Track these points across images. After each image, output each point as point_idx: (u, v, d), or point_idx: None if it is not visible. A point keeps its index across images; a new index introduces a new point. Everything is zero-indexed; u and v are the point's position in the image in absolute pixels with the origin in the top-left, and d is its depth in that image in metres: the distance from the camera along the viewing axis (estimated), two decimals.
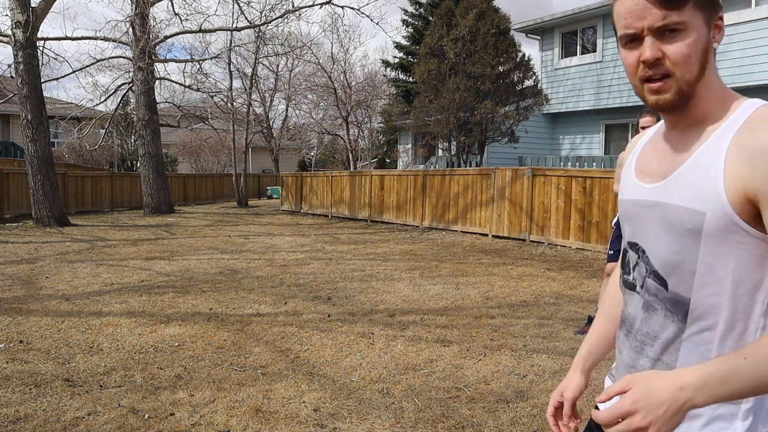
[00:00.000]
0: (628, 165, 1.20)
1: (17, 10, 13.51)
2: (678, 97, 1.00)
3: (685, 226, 1.00)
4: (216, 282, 7.17)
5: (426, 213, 13.44)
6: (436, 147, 19.08)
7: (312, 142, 37.22)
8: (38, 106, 13.77)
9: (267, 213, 20.16)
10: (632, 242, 1.15)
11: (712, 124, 1.02)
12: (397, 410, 3.36)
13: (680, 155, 1.05)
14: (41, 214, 13.86)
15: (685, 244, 1.01)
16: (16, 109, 17.80)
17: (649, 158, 1.14)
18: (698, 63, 0.99)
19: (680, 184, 1.02)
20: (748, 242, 0.96)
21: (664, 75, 0.99)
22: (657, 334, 1.07)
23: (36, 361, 4.14)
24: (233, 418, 3.24)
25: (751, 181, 0.92)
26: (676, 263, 1.03)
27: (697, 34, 0.98)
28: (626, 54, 1.04)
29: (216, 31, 18.06)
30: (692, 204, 0.99)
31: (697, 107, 1.03)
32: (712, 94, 1.03)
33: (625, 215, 1.17)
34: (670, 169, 1.06)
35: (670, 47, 0.97)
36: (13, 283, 6.93)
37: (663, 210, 1.05)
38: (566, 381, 1.35)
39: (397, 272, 7.90)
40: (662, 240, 1.05)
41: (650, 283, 1.08)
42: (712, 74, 1.03)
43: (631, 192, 1.15)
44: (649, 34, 0.98)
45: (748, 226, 0.95)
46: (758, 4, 11.90)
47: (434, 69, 14.68)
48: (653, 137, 1.18)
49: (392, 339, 4.76)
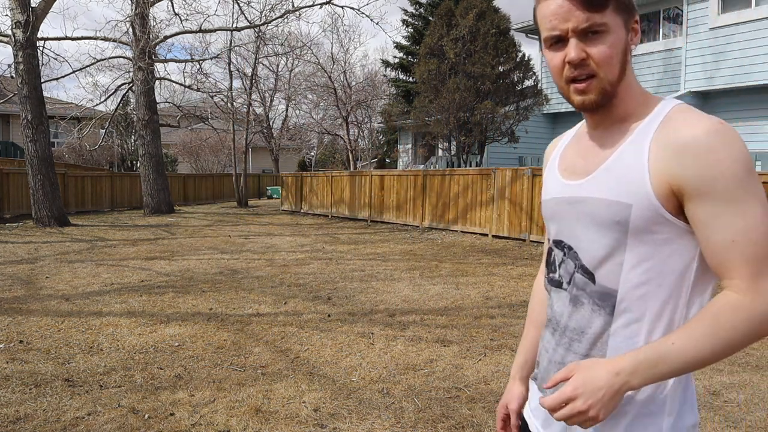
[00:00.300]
0: (551, 166, 1.22)
1: (17, 10, 13.51)
2: (602, 97, 1.04)
3: (613, 218, 1.02)
4: (216, 282, 7.17)
5: (426, 213, 13.44)
6: (436, 147, 19.09)
7: (312, 142, 37.22)
8: (38, 106, 13.77)
9: (267, 213, 20.16)
10: (557, 240, 1.16)
11: (634, 122, 1.06)
12: (397, 410, 3.36)
13: (604, 152, 1.08)
14: (41, 214, 13.85)
15: (613, 236, 1.03)
16: (16, 109, 17.81)
17: (573, 157, 1.16)
18: (619, 64, 1.03)
19: (605, 178, 1.05)
20: (673, 234, 1.00)
21: (589, 75, 1.02)
22: (584, 329, 1.09)
23: (36, 361, 4.14)
24: (233, 418, 3.24)
25: (676, 173, 0.96)
26: (604, 256, 1.05)
27: (617, 36, 1.02)
28: (551, 55, 1.06)
29: (216, 31, 18.06)
30: (618, 197, 1.01)
31: (620, 107, 1.07)
32: (633, 95, 1.07)
33: (550, 214, 1.18)
34: (595, 165, 1.08)
35: (594, 48, 1.01)
36: (13, 283, 6.93)
37: (589, 204, 1.07)
38: (508, 393, 1.37)
39: (397, 272, 7.89)
40: (589, 234, 1.07)
41: (578, 277, 1.09)
42: (631, 75, 1.07)
43: (555, 190, 1.16)
44: (574, 35, 1.01)
45: (672, 217, 0.99)
46: (758, 4, 11.90)
47: (434, 69, 14.68)
48: (575, 137, 1.21)
49: (392, 339, 4.76)
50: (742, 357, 4.34)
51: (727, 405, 3.47)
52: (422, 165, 19.88)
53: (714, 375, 3.96)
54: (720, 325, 0.91)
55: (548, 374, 1.17)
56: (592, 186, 1.07)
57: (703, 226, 0.96)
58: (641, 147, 1.01)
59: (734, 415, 3.33)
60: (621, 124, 1.07)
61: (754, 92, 12.36)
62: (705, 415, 3.33)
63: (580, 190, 1.09)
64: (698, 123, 0.96)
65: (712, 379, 3.89)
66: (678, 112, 1.02)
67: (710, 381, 3.84)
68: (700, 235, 0.97)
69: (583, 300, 1.09)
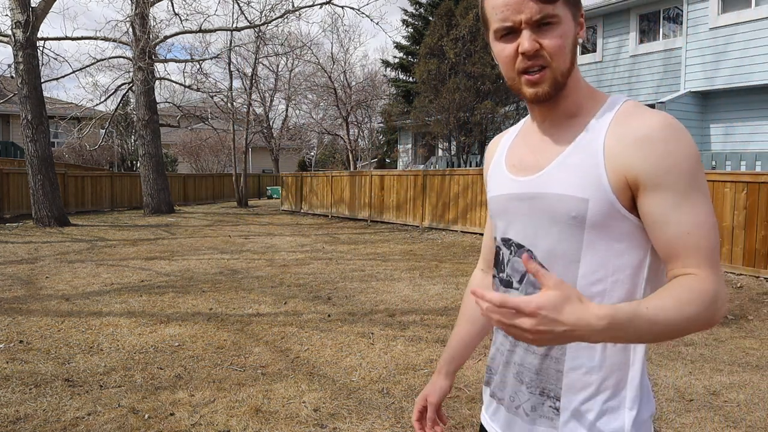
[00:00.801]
0: (497, 163, 1.20)
1: (17, 10, 13.51)
2: (554, 88, 1.03)
3: (569, 213, 1.01)
4: (216, 282, 7.17)
5: (426, 213, 13.44)
6: (436, 147, 19.09)
7: (312, 142, 37.23)
8: (38, 106, 13.77)
9: (267, 213, 20.16)
10: (505, 238, 1.14)
11: (584, 116, 1.06)
12: (397, 410, 3.36)
13: (557, 146, 1.06)
14: (41, 214, 13.85)
15: (569, 232, 1.02)
16: (16, 109, 17.81)
17: (521, 153, 1.14)
18: (570, 55, 1.03)
19: (560, 173, 1.03)
20: (627, 229, 1.00)
21: (541, 67, 1.01)
22: None
23: (36, 361, 4.14)
24: (233, 418, 3.24)
25: (633, 165, 0.97)
26: (560, 253, 1.03)
27: (568, 27, 1.02)
28: (502, 47, 1.04)
29: (216, 31, 18.07)
30: (574, 191, 1.00)
31: (569, 99, 1.07)
32: (580, 88, 1.08)
33: (498, 211, 1.16)
34: (548, 159, 1.07)
35: (546, 39, 1.00)
36: (13, 283, 6.93)
37: (544, 200, 1.05)
38: (430, 385, 1.35)
39: (397, 272, 7.89)
40: (543, 230, 1.05)
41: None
42: (577, 69, 1.07)
43: (504, 187, 1.14)
44: (527, 26, 1.00)
45: (627, 212, 0.99)
46: (758, 4, 11.90)
47: (434, 69, 14.68)
48: (521, 133, 1.20)
49: (392, 339, 4.76)
50: (742, 357, 4.34)
51: (727, 405, 3.47)
52: (422, 165, 19.88)
53: (714, 375, 3.96)
54: (685, 300, 0.90)
55: (505, 377, 1.14)
56: (545, 181, 1.05)
57: (657, 218, 0.97)
58: (596, 141, 1.01)
59: (734, 415, 3.33)
60: (570, 118, 1.07)
61: (754, 92, 12.35)
62: (705, 415, 3.33)
63: (533, 186, 1.07)
64: (654, 117, 0.98)
65: (712, 379, 3.89)
66: (632, 106, 1.03)
67: (710, 381, 3.84)
68: (652, 227, 0.98)
69: None
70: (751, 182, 7.06)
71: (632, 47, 14.52)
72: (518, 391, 1.11)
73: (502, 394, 1.15)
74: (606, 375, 1.03)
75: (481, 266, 1.44)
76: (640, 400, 1.04)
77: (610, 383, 1.03)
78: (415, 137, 21.60)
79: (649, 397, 1.07)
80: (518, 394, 1.11)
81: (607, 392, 1.03)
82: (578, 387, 1.04)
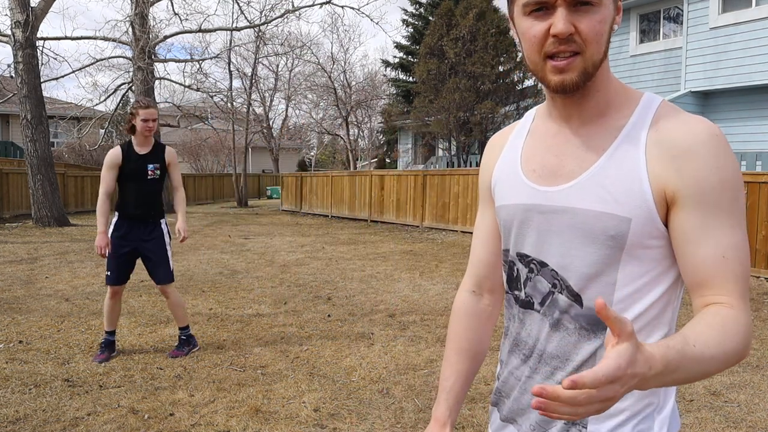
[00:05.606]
0: (509, 166, 1.06)
1: (17, 10, 13.50)
2: (582, 78, 0.90)
3: (606, 232, 0.90)
4: (216, 282, 7.17)
5: (426, 213, 13.44)
6: (436, 147, 19.09)
7: (312, 142, 37.25)
8: (38, 105, 13.76)
9: (267, 213, 20.16)
10: (522, 254, 1.02)
11: (616, 117, 0.94)
12: (397, 410, 3.36)
13: (588, 153, 0.94)
14: (41, 214, 13.84)
15: (606, 252, 0.91)
16: (16, 109, 17.78)
17: (543, 157, 1.00)
18: (605, 43, 0.90)
19: (596, 186, 0.92)
20: (663, 246, 0.92)
21: (573, 53, 0.88)
22: (569, 355, 0.96)
23: (36, 361, 4.14)
24: (233, 418, 3.24)
25: (673, 181, 0.87)
26: (594, 274, 0.93)
27: (608, 11, 0.89)
28: (530, 23, 0.89)
29: (216, 30, 18.09)
30: (614, 209, 0.90)
31: (599, 94, 0.94)
32: (611, 82, 0.95)
33: (512, 222, 1.03)
34: (579, 168, 0.94)
35: (584, 22, 0.87)
36: (13, 283, 6.92)
37: (576, 216, 0.93)
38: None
39: (397, 272, 7.89)
40: (575, 250, 0.94)
41: (561, 299, 0.96)
42: (607, 61, 0.94)
43: (522, 196, 1.01)
44: (563, 4, 0.86)
45: (664, 229, 0.90)
46: (758, 4, 11.90)
47: (434, 69, 14.69)
48: (533, 132, 1.06)
49: (392, 339, 4.75)
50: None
51: (728, 405, 3.47)
52: (422, 165, 19.89)
53: (714, 375, 3.95)
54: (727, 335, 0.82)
55: (519, 404, 1.05)
56: (578, 194, 0.93)
57: (691, 236, 0.88)
58: (636, 152, 0.90)
59: (735, 415, 3.33)
60: (601, 117, 0.95)
61: (754, 92, 12.35)
62: (705, 415, 3.33)
63: (561, 199, 0.95)
64: (698, 126, 0.89)
65: (712, 379, 3.88)
66: (670, 110, 0.93)
67: (710, 381, 3.84)
68: (684, 246, 0.89)
69: (566, 324, 0.96)
70: (752, 182, 7.06)
71: (632, 47, 14.51)
72: (543, 419, 1.02)
73: (522, 420, 1.06)
74: (638, 399, 0.96)
75: (471, 287, 1.21)
76: (669, 422, 0.97)
77: (640, 406, 0.95)
78: (415, 137, 21.60)
79: (675, 415, 1.00)
80: (542, 422, 1.02)
81: (639, 417, 0.95)
82: (609, 413, 0.94)
